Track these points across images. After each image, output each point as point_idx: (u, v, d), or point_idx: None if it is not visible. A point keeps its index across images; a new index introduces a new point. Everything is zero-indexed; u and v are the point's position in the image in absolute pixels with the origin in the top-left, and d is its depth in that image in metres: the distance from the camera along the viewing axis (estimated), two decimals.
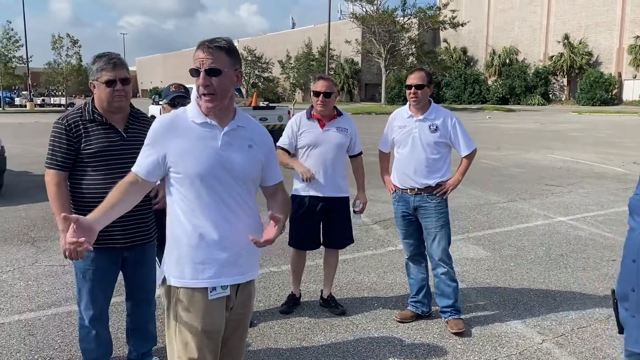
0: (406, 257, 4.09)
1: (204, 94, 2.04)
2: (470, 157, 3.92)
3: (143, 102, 35.26)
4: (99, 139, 2.76)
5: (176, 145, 2.03)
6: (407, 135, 3.85)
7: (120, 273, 3.04)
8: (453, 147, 3.92)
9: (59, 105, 48.66)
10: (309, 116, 3.99)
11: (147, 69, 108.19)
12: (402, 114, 3.95)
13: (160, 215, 2.76)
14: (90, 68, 2.83)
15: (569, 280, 4.88)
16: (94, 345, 2.96)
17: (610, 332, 3.78)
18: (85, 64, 49.02)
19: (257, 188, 2.28)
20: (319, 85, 3.89)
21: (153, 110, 17.48)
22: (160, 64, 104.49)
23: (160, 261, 3.41)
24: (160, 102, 3.98)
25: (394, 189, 4.01)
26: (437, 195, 3.83)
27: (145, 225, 2.95)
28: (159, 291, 2.26)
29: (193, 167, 2.01)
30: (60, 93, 52.62)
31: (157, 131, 2.08)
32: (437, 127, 3.80)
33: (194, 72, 2.05)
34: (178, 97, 3.74)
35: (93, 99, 2.84)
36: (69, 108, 3.34)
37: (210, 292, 2.06)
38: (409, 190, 3.88)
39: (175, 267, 2.07)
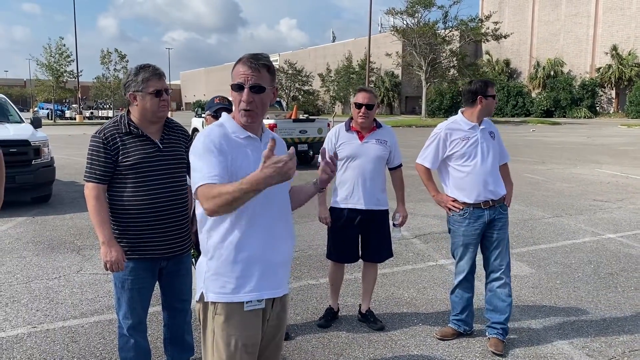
0: (461, 276, 3.84)
1: (246, 110, 2.04)
2: (507, 164, 4.03)
3: (187, 115, 36.11)
4: (137, 151, 2.80)
5: (232, 157, 2.02)
6: (475, 146, 3.70)
7: (157, 283, 3.08)
8: None
9: (107, 117, 50.33)
10: (348, 128, 3.96)
11: (191, 82, 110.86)
12: (460, 126, 3.75)
13: None
14: (128, 80, 2.83)
15: (620, 300, 4.66)
16: (132, 354, 2.99)
17: None
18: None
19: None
20: (360, 97, 3.87)
21: (196, 122, 17.84)
22: (203, 78, 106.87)
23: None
24: (204, 114, 4.04)
25: (461, 207, 3.76)
26: (508, 204, 3.85)
27: (183, 235, 2.98)
28: (194, 304, 2.26)
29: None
30: (108, 106, 54.44)
31: (218, 140, 2.02)
32: (494, 134, 3.84)
33: (237, 87, 2.05)
34: (222, 109, 3.79)
35: (128, 111, 2.89)
36: (107, 121, 3.43)
37: (246, 304, 2.05)
38: (482, 204, 3.71)
39: (215, 282, 2.06)
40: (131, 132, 2.82)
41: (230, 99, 4.10)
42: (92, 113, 54.34)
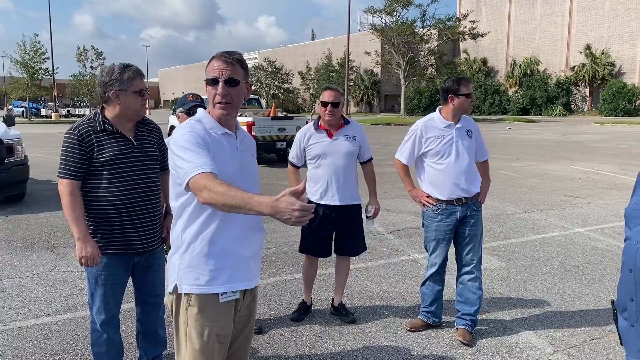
0: (433, 270, 3.94)
1: (221, 103, 2.10)
2: (487, 162, 4.10)
3: (165, 112, 35.86)
4: (111, 147, 2.84)
5: (213, 152, 2.05)
6: (450, 145, 3.78)
7: (130, 278, 3.12)
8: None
9: (83, 115, 49.37)
10: (317, 127, 4.03)
11: (169, 80, 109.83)
12: (436, 124, 3.82)
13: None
14: (112, 78, 2.84)
15: (584, 291, 4.82)
16: (105, 349, 3.03)
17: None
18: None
19: None
20: (326, 96, 3.94)
21: (173, 120, 17.74)
22: (182, 75, 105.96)
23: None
24: (177, 111, 4.06)
25: (434, 203, 3.85)
26: (481, 201, 3.92)
27: (156, 230, 3.03)
28: (167, 298, 2.31)
29: (221, 176, 1.99)
30: (84, 104, 53.66)
31: (202, 134, 2.06)
32: (472, 132, 3.89)
33: (212, 82, 2.11)
34: (196, 107, 3.81)
35: (102, 108, 2.93)
36: (80, 118, 3.43)
37: (221, 295, 2.11)
38: (455, 201, 3.79)
39: (188, 274, 2.11)
40: (106, 129, 2.85)
41: (203, 96, 4.15)
42: (68, 111, 53.47)
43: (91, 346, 3.09)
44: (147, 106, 3.03)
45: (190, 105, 3.85)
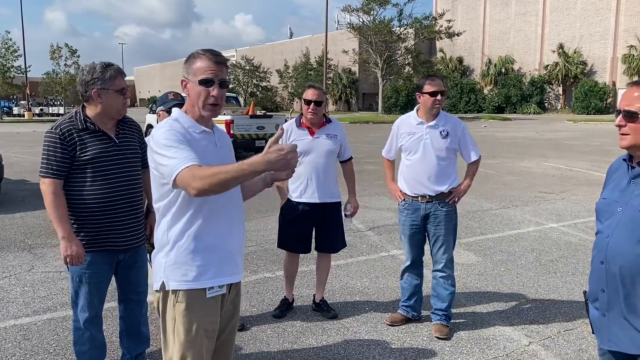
0: (406, 264, 4.08)
1: (213, 104, 2.13)
2: (477, 163, 4.01)
3: (141, 111, 35.40)
4: (94, 146, 2.85)
5: (194, 150, 2.07)
6: (418, 142, 3.86)
7: (113, 276, 3.12)
8: (460, 154, 3.98)
9: (57, 114, 48.73)
10: (299, 124, 4.08)
11: (145, 78, 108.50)
12: (410, 121, 3.95)
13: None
14: (93, 77, 2.84)
15: (558, 284, 4.96)
16: (87, 347, 3.03)
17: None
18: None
19: None
20: (309, 94, 3.99)
21: (150, 119, 17.58)
22: (158, 73, 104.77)
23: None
24: (157, 110, 4.05)
25: (402, 198, 4.00)
26: (449, 202, 3.88)
27: (140, 228, 3.05)
28: (151, 297, 2.33)
29: None
30: (58, 103, 52.72)
31: (182, 132, 2.08)
32: (448, 133, 3.86)
33: (206, 82, 2.11)
34: (176, 105, 3.81)
35: (83, 107, 2.93)
36: (60, 117, 3.41)
37: (208, 290, 2.14)
38: (419, 198, 3.88)
39: (175, 271, 2.13)
40: (87, 128, 2.86)
41: (183, 94, 4.16)
42: (41, 110, 52.49)
43: (73, 345, 3.09)
44: (128, 105, 3.04)
45: (171, 104, 3.84)
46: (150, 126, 17.01)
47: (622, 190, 1.95)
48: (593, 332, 2.10)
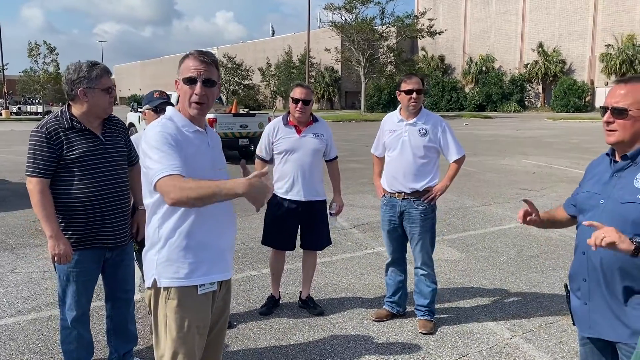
0: (388, 259, 4.16)
1: (198, 103, 2.15)
2: (459, 162, 3.98)
3: (121, 109, 35.03)
4: (81, 144, 2.86)
5: (185, 150, 2.10)
6: (397, 139, 3.92)
7: (100, 275, 3.13)
8: (442, 152, 3.99)
9: (36, 113, 47.96)
10: (286, 122, 4.11)
11: (126, 76, 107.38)
12: (393, 118, 4.02)
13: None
14: (79, 76, 2.84)
15: (539, 279, 5.06)
16: (75, 346, 3.03)
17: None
18: (64, 71, 48.64)
19: None
20: (297, 93, 4.02)
21: (131, 117, 17.41)
22: (139, 71, 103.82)
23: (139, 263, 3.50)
24: (142, 108, 4.04)
25: (383, 194, 4.07)
26: (425, 201, 3.89)
27: (126, 226, 3.06)
28: (138, 296, 2.35)
29: (195, 172, 2.05)
30: (37, 101, 51.90)
31: (174, 133, 2.10)
32: (426, 131, 3.87)
33: (189, 81, 2.15)
34: (163, 104, 3.81)
35: (69, 106, 2.93)
36: (46, 116, 3.38)
37: (200, 287, 2.17)
38: (397, 195, 3.94)
39: (167, 268, 2.15)
40: (74, 126, 2.86)
41: (168, 92, 4.16)
42: (19, 108, 51.60)
43: (61, 344, 3.08)
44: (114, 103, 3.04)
45: (157, 103, 3.84)
46: (131, 124, 16.86)
47: (605, 184, 2.02)
48: (574, 324, 2.18)
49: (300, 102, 4.00)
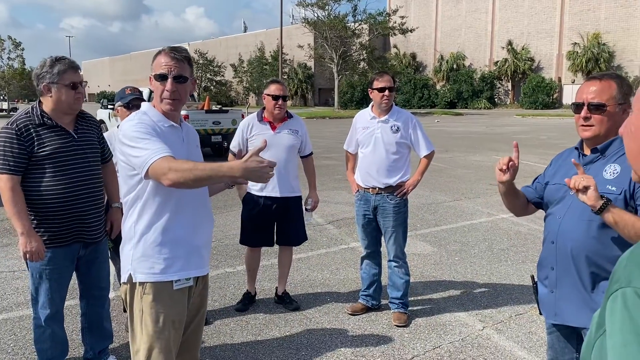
0: (363, 253, 4.23)
1: (169, 99, 2.17)
2: (429, 157, 4.10)
3: (90, 106, 34.39)
4: (52, 141, 2.83)
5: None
6: (370, 136, 4.00)
7: (74, 273, 3.10)
8: (412, 148, 4.09)
9: (0, 110, 46.71)
10: (260, 119, 4.12)
11: (94, 72, 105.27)
12: (365, 115, 4.09)
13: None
14: (42, 71, 2.85)
15: (509, 272, 5.20)
16: (49, 345, 3.01)
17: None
18: (29, 67, 47.47)
19: None
20: (275, 89, 4.04)
21: (101, 114, 17.12)
22: (108, 68, 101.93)
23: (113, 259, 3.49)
24: (115, 105, 4.00)
25: (357, 189, 4.14)
26: (397, 195, 3.99)
27: (100, 223, 3.05)
28: (113, 293, 2.35)
29: None
30: (2, 97, 50.50)
31: (152, 125, 2.12)
32: (398, 127, 3.96)
33: (160, 77, 2.16)
34: (135, 100, 3.80)
35: (40, 102, 2.90)
36: (12, 113, 3.36)
37: (175, 282, 2.18)
38: (370, 190, 4.02)
39: (142, 264, 2.16)
40: (45, 123, 2.83)
41: (140, 89, 4.13)
42: None
43: (34, 343, 3.05)
44: (84, 100, 3.01)
45: (129, 99, 3.82)
46: (102, 122, 16.57)
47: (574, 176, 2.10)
48: (540, 313, 2.26)
49: (280, 98, 4.02)
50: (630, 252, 0.77)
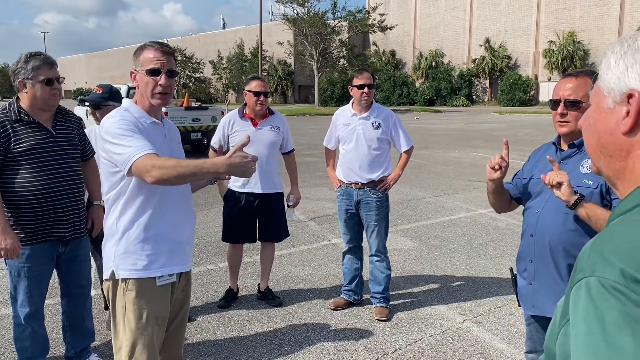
0: (344, 248, 4.27)
1: (161, 93, 2.17)
2: (408, 152, 4.19)
3: (66, 103, 33.85)
4: (29, 137, 2.80)
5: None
6: (352, 132, 4.04)
7: (54, 271, 3.07)
8: (393, 144, 4.15)
9: None
10: (242, 115, 4.13)
11: (70, 69, 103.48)
12: (346, 112, 4.14)
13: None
14: (17, 67, 2.83)
15: (488, 266, 5.29)
16: (29, 343, 2.98)
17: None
18: (3, 63, 46.51)
19: None
20: (256, 86, 4.04)
21: (79, 111, 16.85)
22: (84, 64, 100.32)
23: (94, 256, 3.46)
24: (87, 105, 3.91)
25: (339, 184, 4.18)
26: (379, 190, 4.05)
27: (81, 220, 3.02)
28: (94, 291, 2.34)
29: None
30: None
31: (134, 121, 2.12)
32: (379, 124, 4.03)
33: (153, 72, 2.16)
34: (100, 99, 3.71)
35: (17, 98, 2.87)
36: None
37: (158, 278, 2.18)
38: (353, 185, 4.07)
39: (125, 260, 2.16)
40: (22, 119, 2.80)
41: (117, 86, 4.08)
42: None
43: (14, 341, 3.02)
44: (59, 96, 2.97)
45: (94, 98, 3.72)
46: (80, 119, 16.30)
47: (552, 171, 2.15)
48: (519, 305, 2.32)
49: (262, 94, 4.03)
50: (593, 241, 0.78)
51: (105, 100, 3.66)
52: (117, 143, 2.03)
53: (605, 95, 0.89)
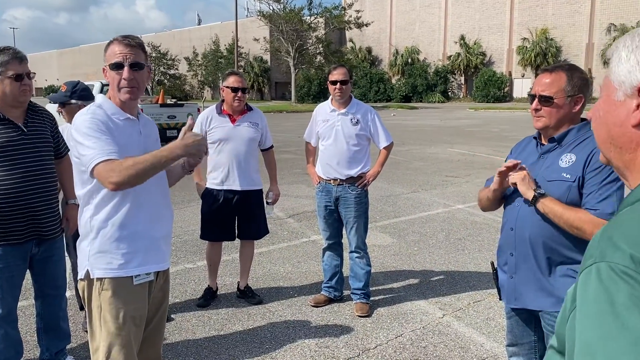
0: (324, 245, 4.26)
1: (127, 87, 2.11)
2: (388, 149, 4.18)
3: (37, 101, 33.10)
4: None
5: (117, 138, 2.06)
6: (331, 129, 4.03)
7: (28, 272, 2.99)
8: (372, 140, 4.15)
9: None
10: (220, 111, 4.07)
11: (41, 66, 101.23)
12: (325, 108, 4.13)
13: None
14: None
15: (466, 260, 5.34)
16: (2, 346, 2.89)
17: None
18: None
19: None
20: (234, 81, 3.99)
21: (50, 108, 16.48)
22: (55, 61, 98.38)
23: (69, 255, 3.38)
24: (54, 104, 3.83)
25: (318, 181, 4.16)
26: (358, 186, 4.04)
27: (54, 219, 2.95)
28: (69, 292, 2.28)
29: None
30: None
31: (104, 119, 2.07)
32: (358, 120, 4.02)
33: (116, 66, 2.11)
34: (63, 98, 3.64)
35: None
36: None
37: (135, 277, 2.13)
38: (332, 181, 4.06)
39: (100, 259, 2.11)
40: None
41: (86, 83, 3.98)
42: None
43: None
44: (30, 92, 2.87)
45: (61, 100, 3.65)
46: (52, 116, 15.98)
47: (532, 164, 2.18)
48: (500, 299, 2.33)
49: (240, 90, 3.98)
50: (603, 229, 0.81)
51: (68, 98, 3.58)
52: (83, 143, 1.99)
53: (615, 87, 0.90)
